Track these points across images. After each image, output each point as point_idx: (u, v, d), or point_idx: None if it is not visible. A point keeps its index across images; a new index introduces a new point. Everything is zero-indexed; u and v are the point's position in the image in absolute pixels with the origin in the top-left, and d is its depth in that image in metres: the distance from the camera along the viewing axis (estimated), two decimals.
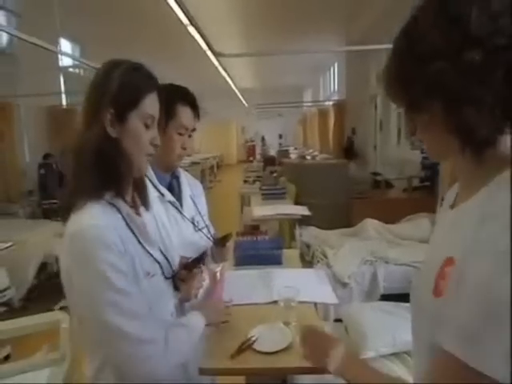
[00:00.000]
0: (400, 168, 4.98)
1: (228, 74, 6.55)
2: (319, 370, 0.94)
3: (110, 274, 0.73)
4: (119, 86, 0.79)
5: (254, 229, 3.67)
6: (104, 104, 0.78)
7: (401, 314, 1.66)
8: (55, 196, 4.71)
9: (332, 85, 9.30)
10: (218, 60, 5.16)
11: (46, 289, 3.45)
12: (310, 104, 11.43)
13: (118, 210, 0.82)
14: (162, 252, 0.93)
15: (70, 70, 6.77)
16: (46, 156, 5.28)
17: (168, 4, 2.61)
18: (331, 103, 8.07)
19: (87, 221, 0.76)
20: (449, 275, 0.55)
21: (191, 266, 1.03)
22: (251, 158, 13.07)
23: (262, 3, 4.68)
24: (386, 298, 2.52)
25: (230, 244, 1.36)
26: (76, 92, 6.40)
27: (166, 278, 0.92)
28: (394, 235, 3.09)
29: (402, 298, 2.21)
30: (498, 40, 0.51)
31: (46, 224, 3.93)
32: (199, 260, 1.05)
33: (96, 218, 0.77)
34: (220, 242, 1.33)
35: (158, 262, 0.89)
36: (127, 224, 0.83)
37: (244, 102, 12.37)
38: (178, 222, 1.32)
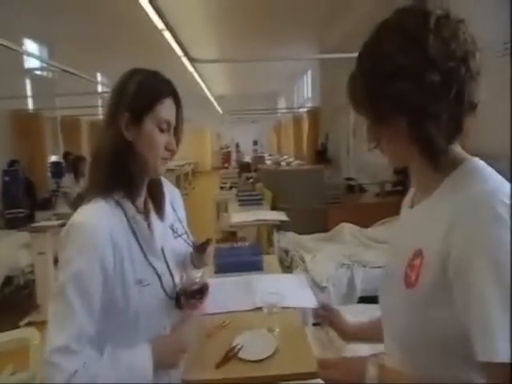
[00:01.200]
0: (373, 173, 5.10)
1: (203, 81, 6.52)
2: (307, 375, 0.93)
3: (72, 283, 0.73)
4: (135, 91, 0.82)
5: (231, 235, 3.65)
6: (121, 108, 0.81)
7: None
8: (21, 205, 4.49)
9: (306, 92, 9.46)
10: (193, 66, 5.13)
11: (10, 303, 3.28)
12: (284, 111, 11.57)
13: (124, 211, 0.82)
14: (166, 263, 0.92)
15: (37, 72, 6.52)
16: (12, 163, 5.03)
17: (143, 8, 2.57)
18: (305, 110, 8.20)
19: (84, 216, 0.78)
20: (418, 267, 0.62)
21: (190, 295, 0.97)
22: (226, 165, 13.03)
23: (237, 10, 4.71)
24: (363, 300, 2.56)
25: (210, 249, 1.34)
26: (44, 95, 6.19)
27: (165, 291, 0.88)
28: (369, 239, 3.16)
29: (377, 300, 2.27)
30: (451, 62, 0.58)
31: (10, 235, 3.72)
32: (200, 292, 0.98)
33: (94, 216, 0.78)
34: (200, 247, 1.30)
35: (157, 273, 0.86)
36: (131, 228, 0.82)
37: (219, 108, 12.37)
38: (159, 228, 1.29)
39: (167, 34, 3.23)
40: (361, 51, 0.66)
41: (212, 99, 10.34)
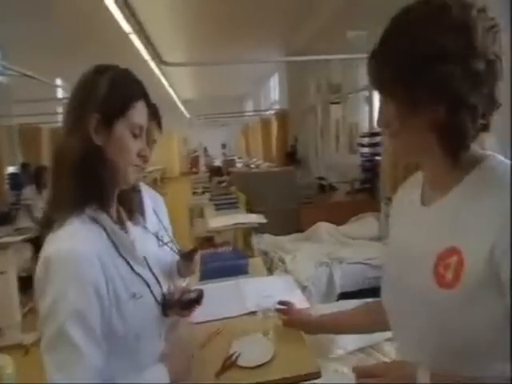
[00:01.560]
0: (341, 172, 5.23)
1: (170, 85, 6.42)
2: (308, 376, 0.94)
3: (72, 322, 0.65)
4: (108, 91, 0.74)
5: (206, 241, 3.60)
6: (90, 109, 0.73)
7: None
8: None
9: (273, 94, 9.55)
10: (160, 70, 5.05)
11: None
12: (252, 114, 11.62)
13: (102, 227, 0.75)
14: (151, 271, 0.86)
15: None
16: None
17: (108, 11, 2.50)
18: (273, 112, 8.28)
19: (65, 244, 0.68)
20: (456, 266, 0.59)
21: (186, 305, 0.94)
22: (195, 170, 12.89)
23: (203, 14, 4.68)
24: (342, 296, 2.62)
25: (198, 257, 1.31)
26: None
27: (156, 299, 0.84)
28: (344, 236, 3.23)
29: (358, 294, 2.33)
30: (491, 55, 0.57)
31: None
32: (194, 302, 0.95)
33: (76, 240, 0.69)
34: (188, 255, 1.28)
35: (147, 283, 0.81)
36: (112, 242, 0.76)
37: (186, 112, 12.23)
38: (142, 238, 1.25)
39: (134, 37, 3.16)
40: (393, 29, 0.63)
41: (179, 103, 10.21)
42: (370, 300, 1.00)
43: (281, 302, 1.14)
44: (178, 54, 6.42)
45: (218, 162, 8.89)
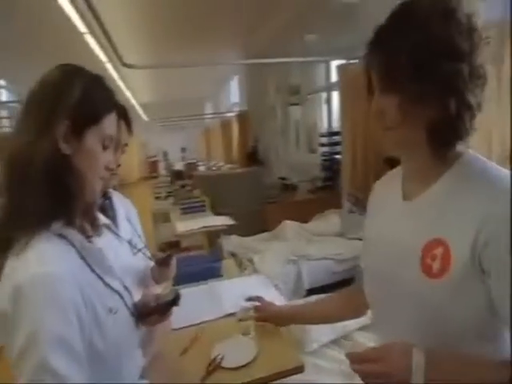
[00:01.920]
0: (302, 171, 5.37)
1: (127, 88, 6.23)
2: (293, 370, 0.97)
3: (55, 352, 0.59)
4: (82, 98, 0.70)
5: (171, 246, 3.54)
6: (60, 114, 0.68)
7: None
8: None
9: (233, 96, 9.57)
10: (117, 72, 4.89)
11: None
12: (212, 116, 11.56)
13: (70, 243, 0.69)
14: (123, 283, 0.82)
15: None
16: None
17: (62, 9, 2.38)
18: (234, 114, 8.30)
19: (37, 267, 0.62)
20: (443, 256, 0.62)
21: (163, 310, 0.92)
22: (154, 174, 12.59)
23: (162, 16, 4.59)
24: (310, 292, 2.69)
25: (174, 263, 1.30)
26: None
27: (131, 312, 0.81)
28: (310, 233, 3.32)
29: (325, 289, 2.41)
30: (482, 57, 0.62)
31: None
32: (172, 304, 0.93)
33: (48, 262, 0.63)
34: (164, 261, 1.26)
35: (120, 294, 0.78)
36: (82, 258, 0.70)
37: (144, 116, 11.91)
38: (114, 246, 1.22)
39: (89, 38, 3.03)
40: (405, 21, 0.63)
41: (137, 107, 9.92)
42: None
43: (249, 298, 1.14)
44: (135, 55, 6.24)
45: (178, 166, 8.75)
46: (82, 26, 2.68)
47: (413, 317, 0.65)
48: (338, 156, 4.29)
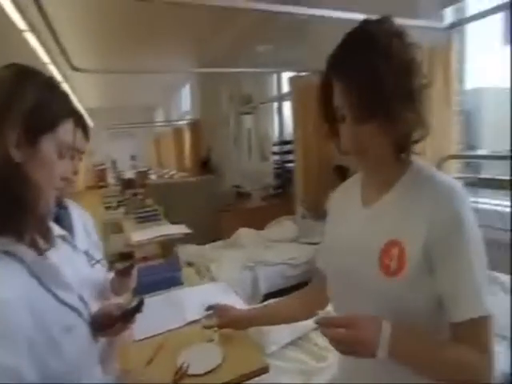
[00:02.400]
0: (255, 179, 5.46)
1: (73, 92, 5.94)
2: (260, 371, 1.00)
3: None
4: (36, 102, 0.65)
5: (124, 257, 3.42)
6: (12, 120, 0.63)
7: None
8: None
9: (185, 104, 9.48)
10: (62, 75, 4.65)
11: None
12: (163, 124, 11.33)
13: (20, 260, 0.63)
14: (80, 296, 0.78)
15: None
16: None
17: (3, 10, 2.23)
18: (186, 122, 8.23)
19: None
20: (398, 256, 0.68)
21: (128, 317, 0.91)
22: (102, 183, 12.03)
23: (113, 20, 4.46)
24: (266, 297, 2.75)
25: (134, 273, 1.28)
26: None
27: (88, 324, 0.77)
28: (265, 239, 3.38)
29: (282, 293, 2.47)
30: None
31: None
32: (136, 310, 0.92)
33: None
34: (124, 271, 1.24)
35: (78, 311, 0.73)
36: (34, 275, 0.65)
37: (91, 122, 11.38)
38: (71, 258, 1.17)
39: (31, 38, 2.85)
40: (363, 51, 0.66)
41: (83, 112, 9.46)
42: None
43: (209, 307, 1.15)
44: (81, 58, 5.98)
45: (128, 174, 8.46)
46: (21, 23, 2.46)
47: (373, 311, 0.70)
48: (289, 164, 4.44)
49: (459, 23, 2.40)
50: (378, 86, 0.65)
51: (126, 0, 3.32)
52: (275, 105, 5.33)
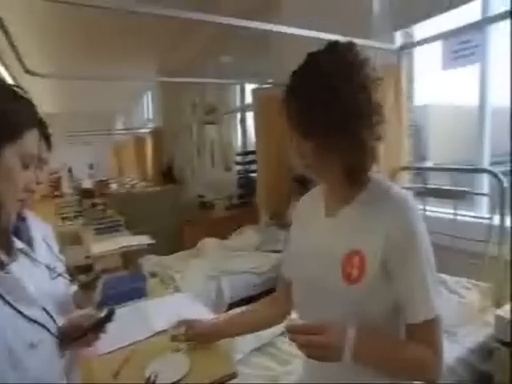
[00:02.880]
0: (219, 189, 5.48)
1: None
2: (228, 377, 1.03)
3: None
4: (0, 112, 0.65)
5: (82, 270, 3.31)
6: None
7: None
8: None
9: (147, 112, 9.33)
10: (12, 78, 4.42)
11: None
12: (124, 132, 11.03)
13: None
14: (45, 309, 0.77)
15: None
16: None
17: None
18: (148, 131, 8.09)
19: None
20: (359, 264, 0.74)
21: (99, 327, 0.90)
22: (57, 193, 11.43)
23: (74, 24, 4.33)
24: (231, 306, 2.77)
25: (100, 285, 1.26)
26: None
27: (55, 339, 0.76)
28: (229, 249, 3.41)
29: (247, 302, 2.51)
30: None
31: None
32: (108, 319, 0.91)
33: None
34: (89, 284, 1.23)
35: (43, 325, 0.72)
36: None
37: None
38: (31, 271, 1.15)
39: None
40: (309, 79, 0.71)
41: None
42: None
43: (178, 323, 1.14)
44: (38, 63, 5.72)
45: (86, 184, 8.15)
46: None
47: (336, 316, 0.74)
48: (253, 174, 4.51)
49: (408, 46, 2.61)
50: (311, 114, 0.70)
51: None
52: (239, 115, 5.41)
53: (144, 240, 2.67)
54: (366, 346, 0.69)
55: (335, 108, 0.69)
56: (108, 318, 0.91)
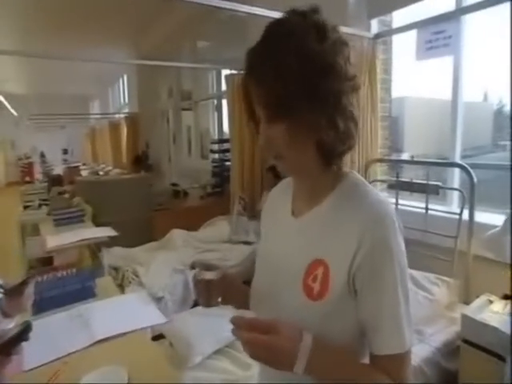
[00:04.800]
0: (194, 177, 5.34)
1: None
2: None
3: None
4: None
5: (43, 263, 3.15)
6: None
7: (215, 313, 1.80)
8: None
9: (122, 97, 8.99)
10: None
11: None
12: (98, 116, 10.64)
13: None
14: None
15: None
16: None
17: None
18: (123, 116, 7.81)
19: None
20: (323, 277, 0.62)
21: (9, 349, 0.78)
22: (28, 179, 11.00)
23: (47, 2, 4.03)
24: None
25: (29, 291, 1.14)
26: None
27: None
28: (198, 241, 3.30)
29: None
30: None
31: None
32: (19, 338, 0.80)
33: None
34: (17, 289, 1.10)
35: None
36: None
37: (12, 110, 10.30)
38: None
39: None
40: (275, 47, 0.59)
41: (1, 98, 8.48)
42: None
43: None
44: (2, 39, 5.37)
45: (59, 170, 7.82)
46: None
47: None
48: (228, 162, 4.39)
49: (383, 34, 2.52)
50: (285, 85, 0.58)
51: None
52: (214, 102, 5.25)
53: (106, 232, 2.53)
54: (321, 358, 0.58)
55: (310, 74, 0.58)
56: (20, 336, 0.79)
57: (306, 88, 0.58)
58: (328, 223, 0.65)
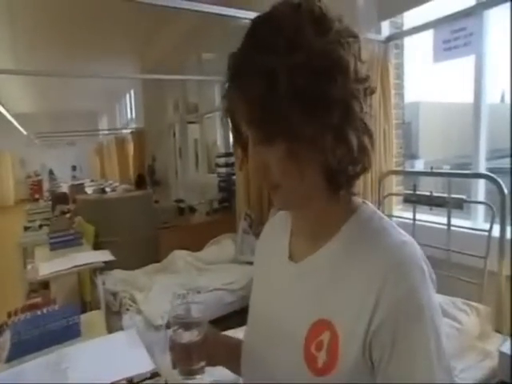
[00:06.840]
0: (200, 192, 5.21)
1: None
2: None
3: None
4: None
5: (43, 288, 3.01)
6: None
7: None
8: None
9: (129, 112, 9.01)
10: None
11: None
12: (106, 132, 10.69)
13: None
14: None
15: None
16: None
17: None
18: (129, 131, 7.77)
19: None
20: (331, 345, 0.47)
21: None
22: (37, 197, 11.02)
23: (52, 19, 4.02)
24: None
25: (5, 338, 0.98)
26: None
27: None
28: (202, 262, 3.13)
29: (219, 322, 2.24)
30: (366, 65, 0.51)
31: None
32: None
33: None
34: None
35: None
36: None
37: (22, 129, 10.40)
38: None
39: None
40: (265, 46, 0.46)
41: (10, 118, 8.56)
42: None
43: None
44: (11, 59, 5.40)
45: (65, 187, 7.76)
46: None
47: None
48: (234, 177, 4.23)
49: (396, 36, 2.35)
50: (277, 95, 0.44)
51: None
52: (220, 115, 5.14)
53: (103, 256, 2.37)
54: None
55: (310, 77, 0.44)
56: None
57: (304, 96, 0.44)
58: (336, 271, 0.51)
